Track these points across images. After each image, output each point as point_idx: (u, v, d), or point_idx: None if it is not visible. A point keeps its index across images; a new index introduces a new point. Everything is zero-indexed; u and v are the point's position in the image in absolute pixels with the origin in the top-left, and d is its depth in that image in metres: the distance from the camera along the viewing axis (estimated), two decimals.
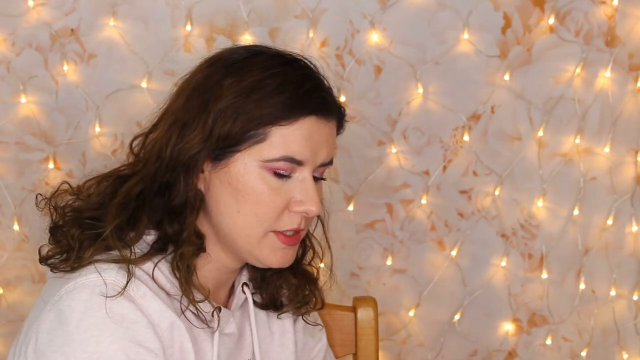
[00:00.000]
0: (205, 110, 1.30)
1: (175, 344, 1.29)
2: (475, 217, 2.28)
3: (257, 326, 1.43)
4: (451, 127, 2.25)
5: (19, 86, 2.12)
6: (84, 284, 1.25)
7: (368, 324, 1.64)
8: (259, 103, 1.29)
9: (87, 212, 1.32)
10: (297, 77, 1.32)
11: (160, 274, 1.30)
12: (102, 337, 1.22)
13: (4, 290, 2.17)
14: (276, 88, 1.30)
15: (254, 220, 1.30)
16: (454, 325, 2.31)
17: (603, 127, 2.28)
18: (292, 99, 1.30)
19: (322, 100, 1.33)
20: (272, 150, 1.29)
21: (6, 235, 2.15)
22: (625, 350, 2.36)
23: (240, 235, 1.32)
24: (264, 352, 1.43)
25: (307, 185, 1.31)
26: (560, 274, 2.32)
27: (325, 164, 1.34)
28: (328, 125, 1.33)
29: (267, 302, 1.45)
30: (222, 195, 1.31)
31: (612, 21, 2.25)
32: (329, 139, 1.33)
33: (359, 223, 2.26)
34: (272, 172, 1.30)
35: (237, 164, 1.30)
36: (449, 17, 2.21)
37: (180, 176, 1.30)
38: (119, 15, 2.12)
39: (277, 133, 1.29)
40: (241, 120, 1.29)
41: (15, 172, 2.14)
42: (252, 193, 1.30)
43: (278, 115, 1.29)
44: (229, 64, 1.32)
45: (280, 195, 1.30)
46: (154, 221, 1.31)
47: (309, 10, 2.17)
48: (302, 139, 1.30)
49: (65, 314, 1.24)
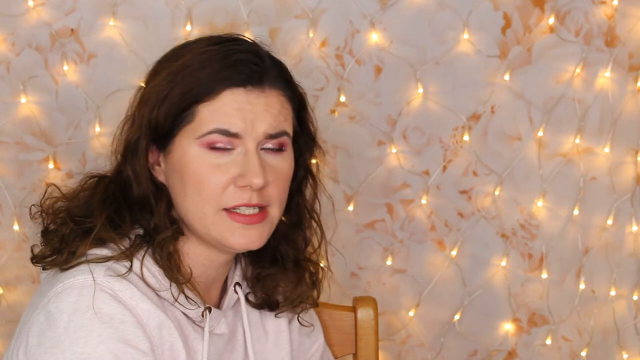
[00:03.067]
0: (140, 102, 1.34)
1: (165, 343, 1.29)
2: (475, 217, 2.28)
3: (251, 326, 1.43)
4: (451, 127, 2.25)
5: (19, 86, 2.11)
6: (72, 285, 1.25)
7: (368, 324, 1.64)
8: (182, 83, 1.30)
9: (75, 210, 1.33)
10: (222, 54, 1.31)
11: (149, 274, 1.30)
12: (90, 338, 1.22)
13: (4, 290, 2.17)
14: (198, 66, 1.30)
15: (199, 201, 1.30)
16: (454, 325, 2.31)
17: (603, 127, 2.28)
18: (214, 73, 1.30)
19: (248, 70, 1.30)
20: (203, 126, 1.29)
21: (6, 235, 2.15)
22: (625, 350, 2.36)
23: (195, 219, 1.32)
24: (258, 352, 1.43)
25: (249, 157, 1.30)
26: (560, 274, 2.32)
27: (272, 135, 1.32)
28: (263, 95, 1.31)
29: (261, 302, 1.45)
30: (173, 183, 1.33)
31: (612, 21, 2.25)
32: (267, 108, 1.31)
33: (359, 223, 2.26)
34: (209, 147, 1.29)
35: (177, 148, 1.31)
36: (449, 17, 2.21)
37: (128, 167, 1.32)
38: (119, 15, 2.12)
39: (204, 110, 1.29)
40: (167, 104, 1.30)
41: (15, 172, 2.14)
42: (193, 173, 1.30)
43: (200, 92, 1.29)
44: (170, 55, 1.35)
45: (222, 171, 1.29)
46: (135, 216, 1.33)
47: (309, 10, 2.17)
48: (232, 110, 1.29)
49: (54, 315, 1.24)
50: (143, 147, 1.32)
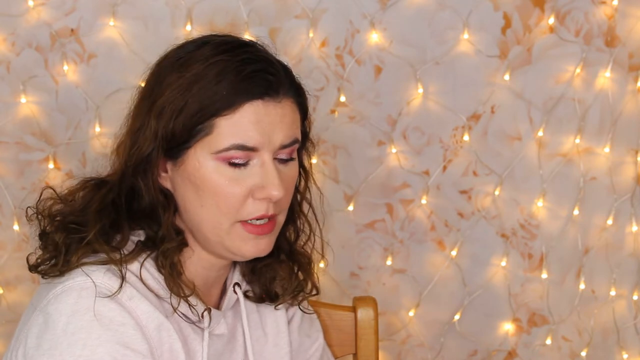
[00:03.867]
0: (150, 111, 1.30)
1: (165, 345, 1.29)
2: (475, 217, 2.28)
3: (250, 327, 1.43)
4: (451, 127, 2.25)
5: (19, 86, 2.12)
6: (72, 287, 1.25)
7: (368, 324, 1.64)
8: (199, 96, 1.28)
9: (71, 216, 1.32)
10: (237, 63, 1.29)
11: (148, 276, 1.30)
12: (89, 340, 1.22)
13: (4, 290, 2.17)
14: (215, 78, 1.28)
15: (217, 212, 1.29)
16: (454, 325, 2.31)
17: (603, 127, 2.28)
18: (232, 86, 1.28)
19: (265, 82, 1.29)
20: (221, 140, 1.28)
21: (6, 235, 2.16)
22: (625, 350, 2.36)
23: (208, 229, 1.31)
24: (258, 353, 1.43)
25: (266, 169, 1.29)
26: (560, 274, 2.32)
27: (286, 145, 1.31)
28: (279, 105, 1.30)
29: (260, 295, 1.44)
30: (185, 192, 1.31)
31: (612, 21, 2.25)
32: (283, 119, 1.30)
33: (359, 223, 2.26)
34: (227, 162, 1.28)
35: (192, 160, 1.29)
36: (449, 17, 2.21)
37: (139, 179, 1.30)
38: (119, 15, 2.12)
39: (222, 123, 1.27)
40: (183, 116, 1.28)
41: (15, 172, 2.14)
42: (210, 186, 1.29)
43: (219, 106, 1.27)
44: (174, 61, 1.32)
45: (240, 184, 1.29)
46: (135, 225, 1.32)
47: (309, 10, 2.17)
48: (250, 124, 1.28)
49: (53, 317, 1.24)
50: (155, 159, 1.30)
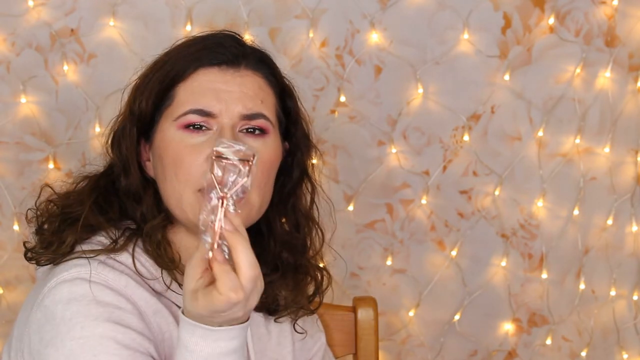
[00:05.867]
0: (129, 101, 1.36)
1: (165, 332, 1.29)
2: (475, 217, 2.28)
3: (252, 324, 1.42)
4: (451, 127, 2.25)
5: (19, 86, 2.11)
6: (65, 278, 1.26)
7: (368, 324, 1.64)
8: (163, 70, 1.33)
9: (67, 208, 1.34)
10: (200, 39, 1.35)
11: (139, 265, 1.30)
12: (86, 322, 1.22)
13: (4, 290, 2.17)
14: (177, 53, 1.34)
15: (176, 182, 1.30)
16: (454, 325, 2.31)
17: (603, 127, 2.28)
18: (190, 56, 1.32)
19: (225, 52, 1.32)
20: (180, 107, 1.31)
21: (6, 235, 2.16)
22: (625, 350, 2.36)
23: (173, 202, 1.31)
24: (260, 351, 1.43)
25: (223, 134, 1.29)
26: (560, 274, 2.32)
27: (247, 116, 1.31)
28: (238, 74, 1.32)
29: (261, 307, 1.43)
30: (156, 171, 1.34)
31: (612, 21, 2.25)
32: (242, 88, 1.31)
33: (359, 223, 2.26)
34: (185, 127, 1.30)
35: (158, 134, 1.33)
36: (449, 17, 2.21)
37: (118, 159, 1.34)
38: (119, 15, 2.12)
39: (180, 91, 1.31)
40: (147, 91, 1.33)
41: (15, 172, 2.14)
42: (171, 155, 1.30)
43: (175, 74, 1.32)
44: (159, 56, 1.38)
45: (197, 150, 1.29)
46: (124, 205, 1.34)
47: (309, 10, 2.17)
48: (205, 89, 1.30)
49: (50, 308, 1.25)
50: (128, 134, 1.33)
